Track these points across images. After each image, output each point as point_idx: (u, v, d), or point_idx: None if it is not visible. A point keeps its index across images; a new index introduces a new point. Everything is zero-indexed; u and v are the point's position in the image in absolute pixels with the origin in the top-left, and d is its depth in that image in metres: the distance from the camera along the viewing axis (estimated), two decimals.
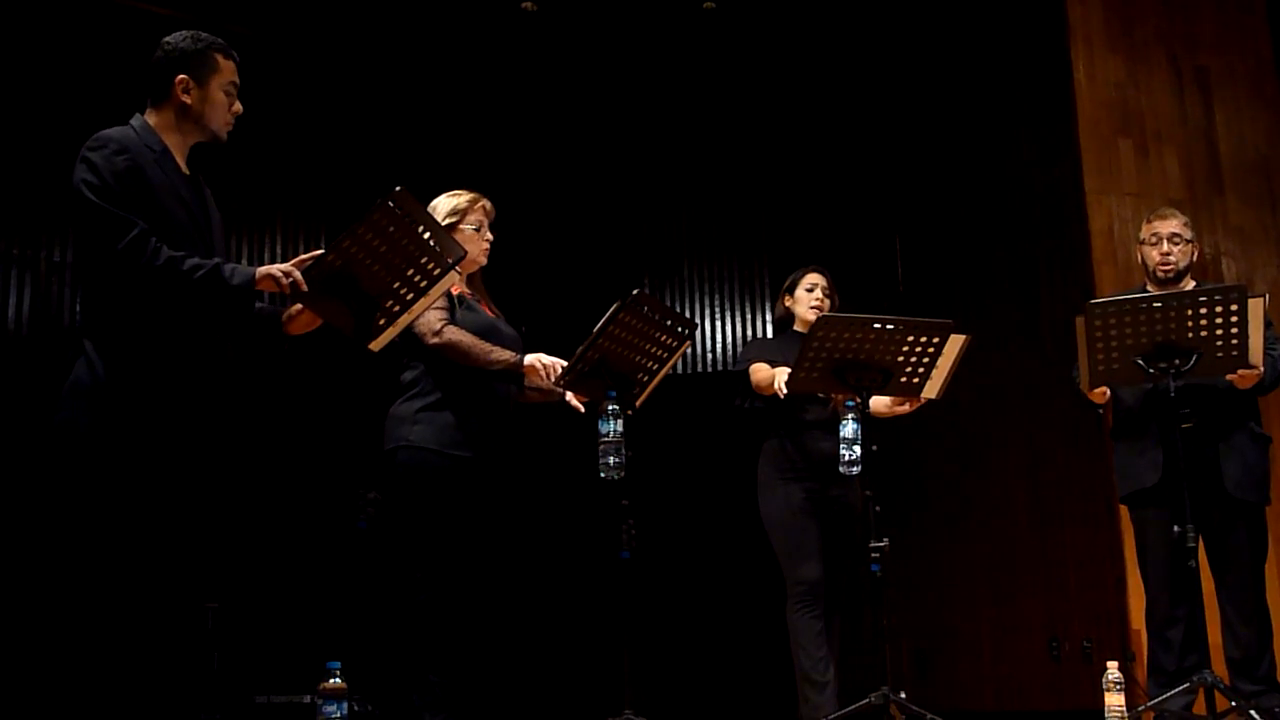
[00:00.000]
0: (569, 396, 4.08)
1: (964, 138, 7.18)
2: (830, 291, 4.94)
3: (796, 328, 4.95)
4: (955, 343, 4.44)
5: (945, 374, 4.49)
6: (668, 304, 7.15)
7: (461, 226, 4.15)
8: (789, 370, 4.17)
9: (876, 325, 3.95)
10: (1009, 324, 6.81)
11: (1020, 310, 6.78)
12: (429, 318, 3.94)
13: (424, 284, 3.34)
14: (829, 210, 7.56)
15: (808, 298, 4.91)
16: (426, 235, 3.29)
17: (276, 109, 6.85)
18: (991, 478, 6.80)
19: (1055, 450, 6.57)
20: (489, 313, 4.21)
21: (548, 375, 3.93)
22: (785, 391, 4.28)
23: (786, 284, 5.00)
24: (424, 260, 3.31)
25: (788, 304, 4.98)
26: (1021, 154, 6.84)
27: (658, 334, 3.94)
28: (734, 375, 4.86)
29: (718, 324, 7.77)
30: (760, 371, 4.68)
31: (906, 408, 4.63)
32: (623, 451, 3.75)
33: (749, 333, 7.73)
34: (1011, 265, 6.87)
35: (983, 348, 5.53)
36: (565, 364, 3.90)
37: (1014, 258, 6.86)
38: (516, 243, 5.79)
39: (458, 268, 3.49)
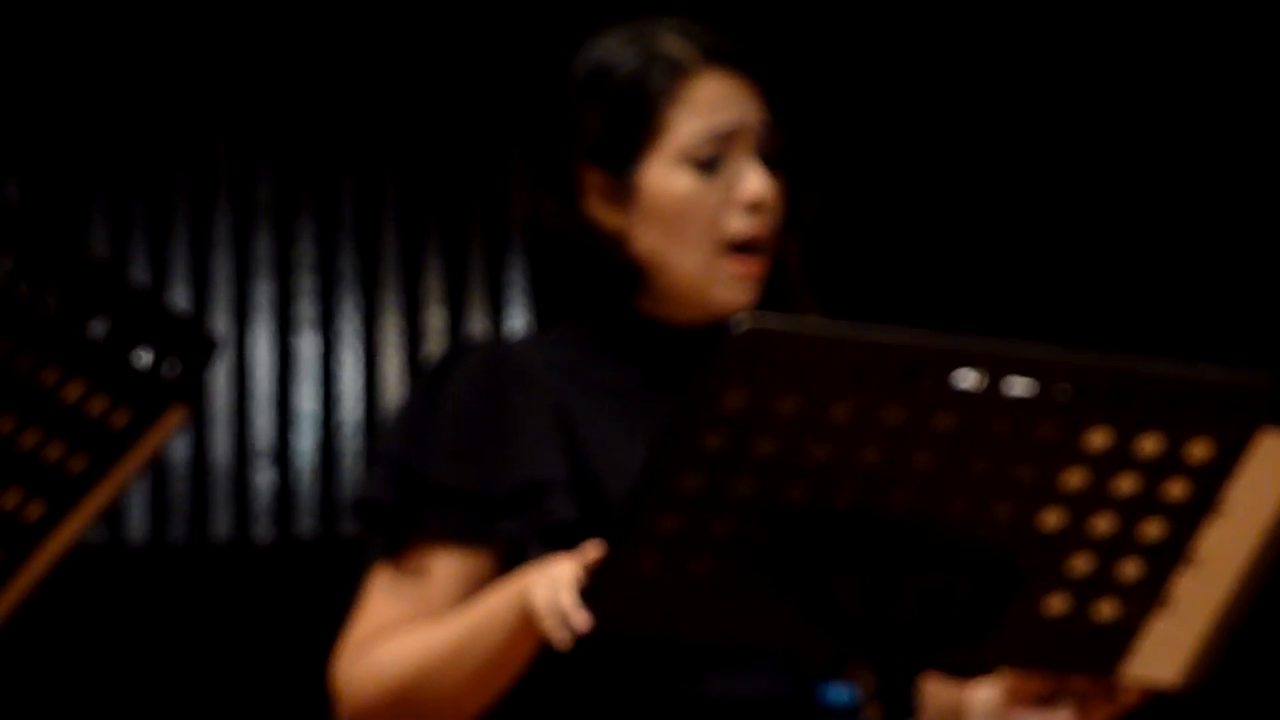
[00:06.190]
0: None
1: None
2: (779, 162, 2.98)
3: (651, 311, 3.09)
4: None
5: (1223, 592, 2.97)
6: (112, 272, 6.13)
7: None
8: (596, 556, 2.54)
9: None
10: None
11: None
12: None
13: None
14: None
15: (723, 187, 2.90)
16: None
17: None
18: None
19: None
20: None
21: None
22: (571, 635, 2.76)
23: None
24: None
25: (611, 211, 2.99)
26: None
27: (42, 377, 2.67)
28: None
29: (346, 344, 5.99)
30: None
31: None
32: None
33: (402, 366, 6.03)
34: None
35: None
36: None
37: None
38: None
39: None
